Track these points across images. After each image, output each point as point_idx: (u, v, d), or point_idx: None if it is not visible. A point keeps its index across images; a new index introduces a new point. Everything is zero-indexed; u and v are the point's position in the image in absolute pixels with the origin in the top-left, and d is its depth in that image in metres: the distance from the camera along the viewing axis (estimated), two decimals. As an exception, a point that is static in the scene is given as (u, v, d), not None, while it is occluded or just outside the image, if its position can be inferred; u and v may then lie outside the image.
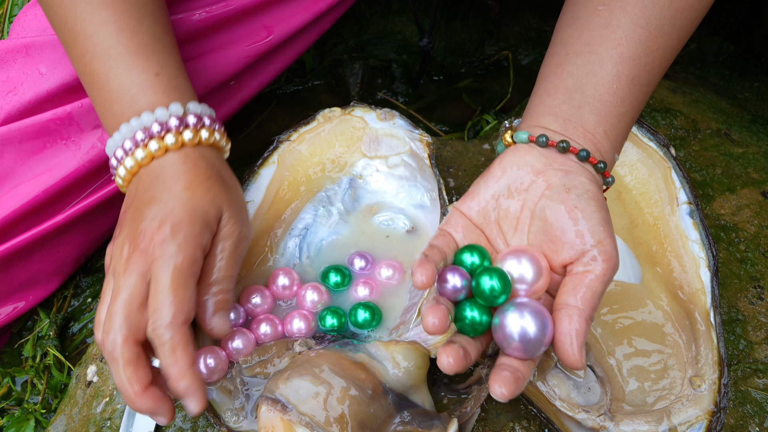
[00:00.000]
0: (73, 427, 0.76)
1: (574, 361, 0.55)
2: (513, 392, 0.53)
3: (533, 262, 0.58)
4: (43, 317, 0.93)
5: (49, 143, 0.84)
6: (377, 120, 0.87)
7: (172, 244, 0.60)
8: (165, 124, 0.65)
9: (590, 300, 0.56)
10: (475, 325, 0.57)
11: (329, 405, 0.61)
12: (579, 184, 0.61)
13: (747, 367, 0.75)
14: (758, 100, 1.11)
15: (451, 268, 0.59)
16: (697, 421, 0.66)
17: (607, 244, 0.58)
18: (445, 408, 0.71)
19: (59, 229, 0.87)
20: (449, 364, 0.54)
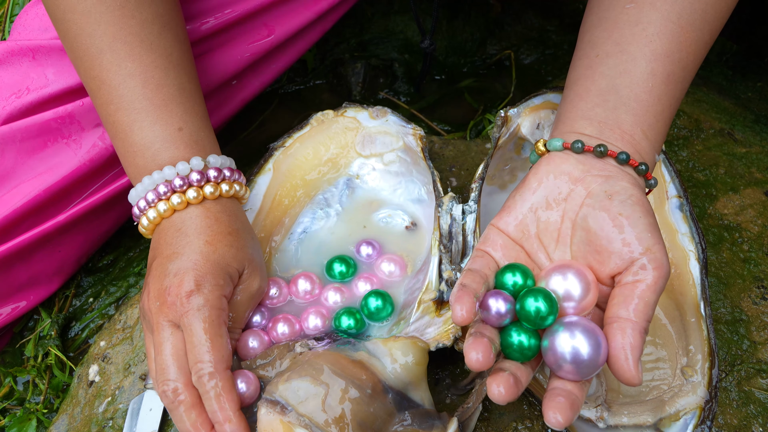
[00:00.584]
0: (75, 426, 0.76)
1: (631, 377, 0.51)
2: (569, 419, 0.50)
3: (580, 278, 0.56)
4: (45, 317, 0.93)
5: (50, 142, 0.83)
6: (370, 118, 0.87)
7: (198, 297, 0.62)
8: (186, 179, 0.67)
9: (643, 311, 0.54)
10: (523, 350, 0.55)
11: (328, 405, 0.61)
12: (621, 190, 0.59)
13: (750, 368, 0.75)
14: (761, 100, 1.11)
15: (493, 292, 0.56)
16: (690, 410, 0.66)
17: (656, 251, 0.56)
18: (449, 408, 0.71)
19: (61, 229, 0.87)
20: (500, 395, 0.51)
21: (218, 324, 0.63)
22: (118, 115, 0.69)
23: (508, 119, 0.80)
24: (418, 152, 0.83)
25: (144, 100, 0.69)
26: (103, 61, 0.69)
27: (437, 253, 0.74)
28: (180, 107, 0.70)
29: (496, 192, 0.86)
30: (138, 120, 0.69)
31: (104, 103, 0.70)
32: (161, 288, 0.64)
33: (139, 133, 0.69)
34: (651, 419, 0.67)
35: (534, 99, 0.82)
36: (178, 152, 0.69)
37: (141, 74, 0.69)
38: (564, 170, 0.61)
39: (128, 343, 0.80)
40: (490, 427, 0.70)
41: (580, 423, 0.67)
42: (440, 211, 0.77)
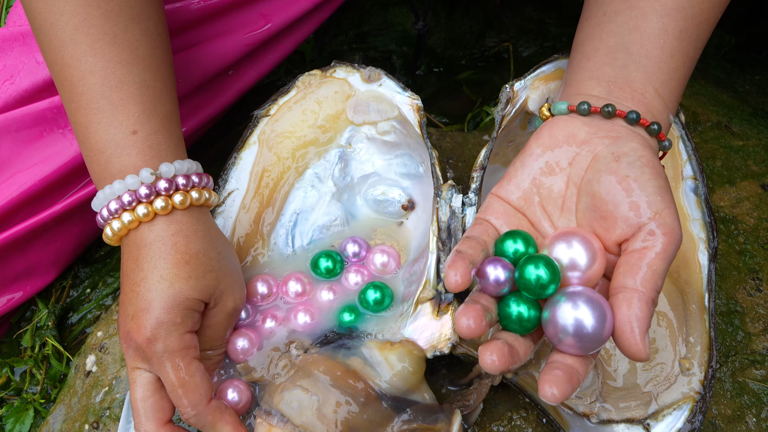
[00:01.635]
0: (72, 416, 0.76)
1: (637, 351, 0.48)
2: (566, 394, 0.47)
3: (585, 245, 0.52)
4: (42, 307, 0.93)
5: (45, 132, 0.83)
6: (362, 81, 0.79)
7: (158, 344, 0.60)
8: (135, 194, 0.63)
9: (651, 280, 0.49)
10: (522, 322, 0.51)
11: (322, 415, 0.62)
12: (630, 151, 0.55)
13: (745, 359, 0.75)
14: (759, 93, 1.11)
15: (492, 259, 0.53)
16: (683, 402, 0.66)
17: (666, 215, 0.51)
18: (446, 397, 0.71)
19: (57, 219, 0.87)
20: (493, 363, 0.48)
21: (187, 363, 0.61)
22: (77, 115, 0.66)
23: (515, 95, 0.74)
24: (415, 126, 0.76)
25: (102, 99, 0.64)
26: (64, 55, 0.65)
27: (435, 251, 0.70)
28: (138, 107, 0.65)
29: (500, 170, 0.81)
30: (94, 121, 0.64)
31: (67, 101, 0.66)
32: (124, 331, 0.62)
33: (95, 135, 0.65)
34: (643, 413, 0.67)
35: (543, 67, 0.75)
36: (129, 159, 0.64)
37: (101, 70, 0.64)
38: (569, 133, 0.58)
39: (125, 333, 0.80)
40: (486, 416, 0.70)
41: (574, 417, 0.67)
42: (438, 200, 0.72)
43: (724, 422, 0.71)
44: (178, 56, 0.86)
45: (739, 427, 0.71)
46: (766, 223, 0.86)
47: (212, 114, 0.95)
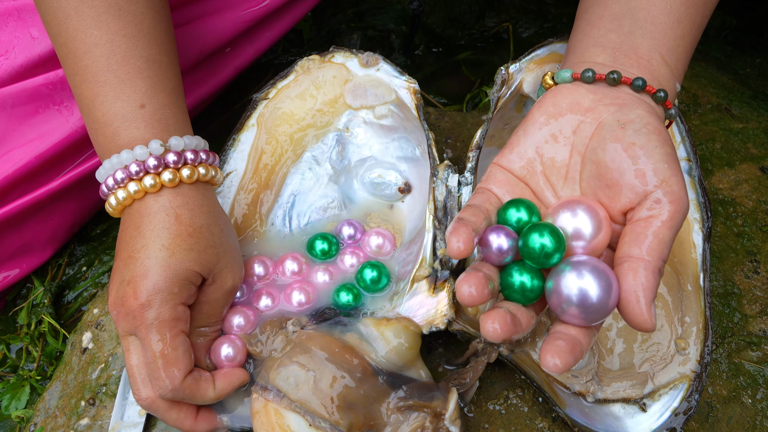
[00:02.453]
0: (69, 392, 0.76)
1: (643, 321, 0.46)
2: (568, 364, 0.46)
3: (590, 214, 0.51)
4: (38, 285, 0.93)
5: (41, 108, 0.82)
6: (360, 66, 0.80)
7: (150, 311, 0.60)
8: (143, 164, 0.62)
9: (657, 249, 0.48)
10: (525, 292, 0.49)
11: (319, 390, 0.62)
12: (636, 118, 0.53)
13: (741, 340, 0.75)
14: (759, 76, 1.10)
15: (495, 227, 0.51)
16: (680, 382, 0.66)
17: (673, 183, 0.50)
18: (442, 376, 0.71)
19: (53, 196, 0.86)
20: (495, 331, 0.46)
21: (173, 336, 0.61)
22: (82, 88, 0.65)
23: (510, 77, 0.74)
24: (412, 109, 0.77)
25: (108, 73, 0.64)
26: (69, 27, 0.64)
27: (431, 229, 0.71)
28: (145, 81, 0.65)
29: (495, 153, 0.79)
30: (100, 95, 0.64)
31: (71, 74, 0.66)
32: (117, 296, 0.62)
33: (101, 108, 0.64)
34: (639, 393, 0.67)
35: (538, 51, 0.76)
36: (138, 132, 0.64)
37: (107, 43, 0.64)
38: (572, 101, 0.57)
39: (121, 311, 0.80)
40: (482, 395, 0.70)
41: (570, 396, 0.67)
42: (435, 180, 0.73)
43: (719, 403, 0.71)
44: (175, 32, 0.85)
45: (734, 408, 0.71)
46: (765, 206, 0.86)
47: (209, 92, 0.95)
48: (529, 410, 0.69)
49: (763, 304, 0.77)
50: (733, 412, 0.71)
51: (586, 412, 0.67)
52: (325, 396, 0.61)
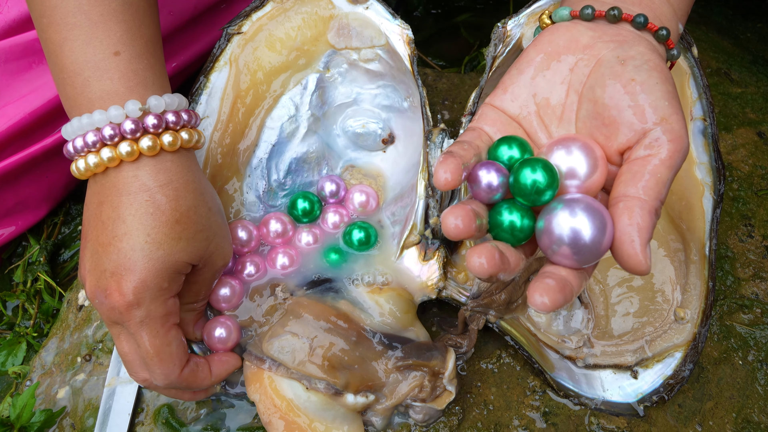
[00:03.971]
0: (65, 349, 0.76)
1: (637, 263, 0.44)
2: (556, 303, 0.43)
3: (586, 152, 0.48)
4: (33, 243, 0.93)
5: (34, 63, 0.82)
6: (347, 2, 0.72)
7: (139, 310, 0.56)
8: (119, 128, 0.56)
9: (654, 189, 0.46)
10: (514, 231, 0.47)
11: (313, 356, 0.62)
12: (636, 54, 0.51)
13: (733, 303, 0.76)
14: (760, 41, 1.09)
15: (485, 163, 0.48)
16: (676, 350, 0.67)
17: (673, 121, 0.48)
18: (436, 335, 0.71)
19: (48, 153, 0.86)
20: (482, 266, 0.44)
21: (165, 332, 0.58)
22: (49, 32, 0.58)
23: (506, 35, 0.69)
24: (405, 59, 0.70)
25: (79, 14, 0.56)
26: None
27: (424, 197, 0.68)
28: (121, 26, 0.57)
29: None
30: (69, 38, 0.57)
31: (38, 17, 0.58)
32: (99, 286, 0.57)
33: (70, 54, 0.57)
34: (632, 359, 0.67)
35: (540, 1, 0.70)
36: (112, 84, 0.57)
37: None
38: (570, 38, 0.54)
39: (117, 268, 0.80)
40: (475, 354, 0.71)
41: (559, 360, 0.68)
42: (429, 144, 0.69)
43: (710, 364, 0.72)
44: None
45: (725, 370, 0.72)
46: (761, 171, 0.86)
47: (202, 50, 0.93)
48: (521, 369, 0.70)
49: (756, 267, 0.78)
50: (724, 373, 0.71)
51: (576, 377, 0.67)
52: (320, 359, 0.62)
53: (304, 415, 0.61)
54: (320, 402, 0.62)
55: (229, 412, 0.69)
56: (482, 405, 0.68)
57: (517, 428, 0.67)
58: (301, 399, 0.62)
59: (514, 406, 0.68)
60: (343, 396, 0.62)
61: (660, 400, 0.65)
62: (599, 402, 0.66)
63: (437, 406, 0.64)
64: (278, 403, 0.61)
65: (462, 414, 0.67)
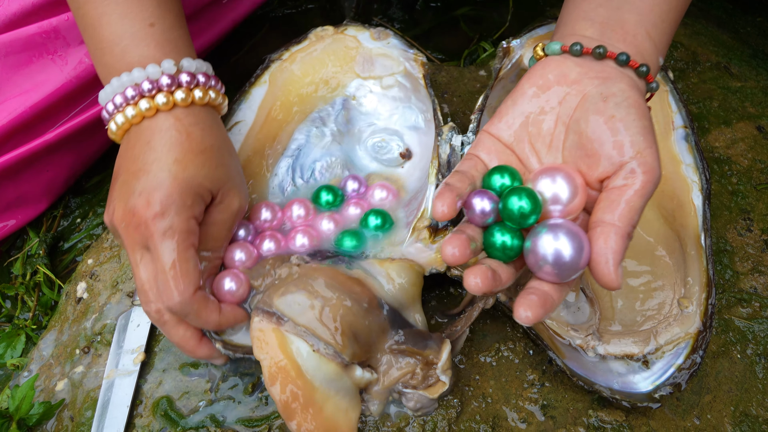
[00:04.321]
0: (64, 341, 0.76)
1: (610, 281, 0.51)
2: (538, 316, 0.50)
3: (568, 180, 0.55)
4: (33, 236, 0.93)
5: (35, 57, 0.82)
6: (371, 39, 0.84)
7: (163, 220, 0.59)
8: (156, 83, 0.63)
9: (628, 216, 0.52)
10: (506, 250, 0.54)
11: (325, 317, 0.61)
12: (618, 92, 0.57)
13: (732, 297, 0.76)
14: (759, 35, 1.09)
15: (478, 191, 0.56)
16: (683, 339, 0.68)
17: (647, 155, 0.54)
18: (435, 328, 0.71)
19: (48, 148, 0.86)
20: (477, 285, 0.51)
21: (185, 248, 0.60)
22: (86, 8, 0.64)
23: (510, 50, 0.79)
24: (419, 79, 0.81)
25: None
26: None
27: (434, 182, 0.73)
28: (152, 1, 0.65)
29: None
30: (107, 13, 0.64)
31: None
32: (126, 208, 0.61)
33: (108, 27, 0.64)
34: (641, 350, 0.68)
35: (538, 29, 0.81)
36: (149, 51, 0.64)
37: None
38: (560, 73, 0.60)
39: (116, 261, 0.80)
40: (473, 347, 0.71)
41: (569, 350, 0.68)
42: (440, 140, 0.75)
43: (708, 358, 0.72)
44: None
45: (723, 363, 0.72)
46: (760, 165, 0.86)
47: (205, 44, 0.94)
48: (520, 362, 0.70)
49: (755, 261, 0.78)
50: (722, 366, 0.72)
51: (587, 365, 0.67)
52: (330, 322, 0.61)
53: (310, 382, 0.61)
54: (330, 371, 0.61)
55: (227, 405, 0.69)
56: (481, 398, 0.68)
57: (516, 421, 0.67)
58: (310, 366, 0.61)
59: (513, 399, 0.68)
60: (353, 368, 0.62)
61: (676, 387, 0.65)
62: (614, 390, 0.66)
63: (429, 395, 0.64)
64: (285, 365, 0.61)
65: (460, 406, 0.68)
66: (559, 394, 0.69)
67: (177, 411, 0.69)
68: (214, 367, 0.71)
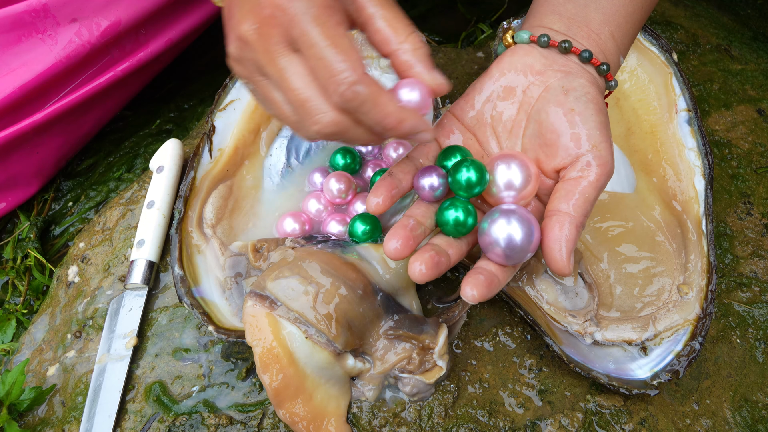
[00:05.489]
0: (55, 326, 0.75)
1: (562, 267, 0.54)
2: (483, 296, 0.52)
3: (522, 168, 0.57)
4: (24, 220, 0.92)
5: (24, 36, 0.80)
6: None
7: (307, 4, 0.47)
8: None
9: (582, 206, 0.55)
10: (458, 226, 0.56)
11: (318, 303, 0.61)
12: (578, 86, 0.59)
13: (732, 281, 0.75)
14: (760, 17, 1.08)
15: (426, 168, 0.58)
16: (683, 326, 0.67)
17: (602, 148, 0.56)
18: (431, 313, 0.71)
19: (38, 128, 0.85)
20: (421, 273, 0.52)
21: (334, 24, 0.48)
22: None
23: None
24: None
25: None
26: None
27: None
28: None
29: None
30: None
31: None
32: (252, 7, 0.49)
33: None
34: (640, 336, 0.67)
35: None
36: None
37: None
38: (526, 63, 0.61)
39: (107, 245, 0.79)
40: (470, 332, 0.70)
41: (567, 336, 0.67)
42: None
43: (708, 342, 0.71)
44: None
45: (722, 348, 0.71)
46: (760, 148, 0.85)
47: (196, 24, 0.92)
48: (517, 347, 0.69)
49: (755, 245, 0.77)
50: (721, 351, 0.71)
51: (584, 351, 0.67)
52: (324, 309, 0.61)
53: (301, 369, 0.60)
54: (322, 359, 0.60)
55: (221, 390, 0.68)
56: (477, 383, 0.68)
57: (513, 406, 0.67)
58: (302, 353, 0.60)
59: (510, 384, 0.68)
60: (345, 356, 0.62)
61: (674, 374, 0.64)
62: (612, 377, 0.65)
63: (426, 380, 0.63)
64: (277, 352, 0.60)
65: (457, 392, 0.67)
66: (556, 379, 0.68)
67: (170, 396, 0.68)
68: (206, 352, 0.70)
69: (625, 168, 0.76)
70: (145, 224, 0.75)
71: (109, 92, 0.90)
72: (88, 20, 0.83)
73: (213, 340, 0.70)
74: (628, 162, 0.77)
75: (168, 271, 0.74)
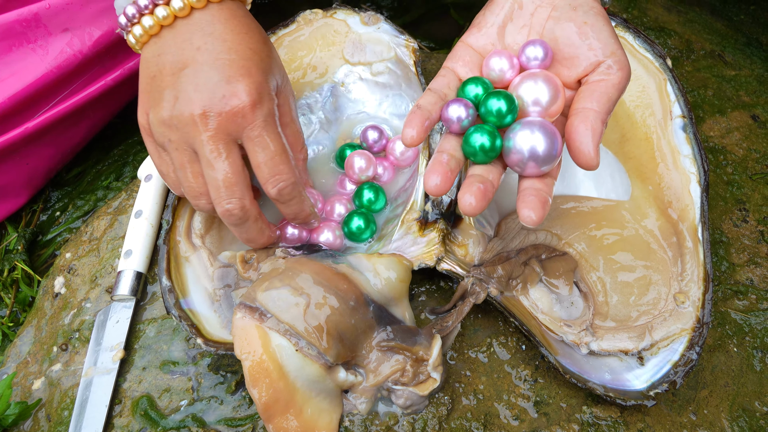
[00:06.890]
0: (41, 338, 0.74)
1: (590, 159, 0.54)
2: (541, 216, 0.52)
3: (548, 83, 0.57)
4: (11, 231, 0.90)
5: (14, 46, 0.80)
6: (361, 24, 0.82)
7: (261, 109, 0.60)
8: None
9: (606, 104, 0.56)
10: (486, 151, 0.55)
11: (309, 315, 0.60)
12: (584, 2, 0.61)
13: (728, 289, 0.74)
14: (753, 23, 1.08)
15: (453, 100, 0.58)
16: (679, 335, 0.66)
17: (620, 54, 0.58)
18: (423, 324, 0.70)
19: (28, 139, 0.84)
20: (471, 206, 0.53)
21: (279, 134, 0.63)
22: None
23: None
24: (410, 66, 0.80)
25: None
26: None
27: (424, 173, 0.71)
28: None
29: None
30: None
31: None
32: (215, 96, 0.60)
33: None
34: (636, 345, 0.66)
35: None
36: None
37: None
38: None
39: (94, 255, 0.77)
40: (465, 343, 0.69)
41: (563, 346, 0.66)
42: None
43: (705, 351, 0.70)
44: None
45: (719, 357, 0.70)
46: (755, 154, 0.84)
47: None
48: (512, 358, 0.68)
49: (751, 253, 0.76)
50: (718, 360, 0.70)
51: (580, 362, 0.66)
52: (315, 321, 0.60)
53: (291, 383, 0.59)
54: (312, 373, 0.59)
55: (210, 404, 0.67)
56: (472, 394, 0.67)
57: (509, 418, 0.66)
58: (293, 366, 0.59)
59: (505, 396, 0.67)
60: (337, 369, 0.60)
61: (671, 385, 0.63)
62: (608, 388, 0.64)
63: (419, 392, 0.62)
64: (267, 366, 0.59)
65: (451, 404, 0.66)
66: (552, 390, 0.67)
67: (157, 410, 0.67)
68: (194, 365, 0.69)
69: (620, 175, 0.75)
70: (133, 234, 0.73)
71: (101, 102, 0.89)
72: (80, 30, 0.82)
73: (202, 352, 0.69)
74: (623, 169, 0.76)
75: (156, 282, 0.73)
